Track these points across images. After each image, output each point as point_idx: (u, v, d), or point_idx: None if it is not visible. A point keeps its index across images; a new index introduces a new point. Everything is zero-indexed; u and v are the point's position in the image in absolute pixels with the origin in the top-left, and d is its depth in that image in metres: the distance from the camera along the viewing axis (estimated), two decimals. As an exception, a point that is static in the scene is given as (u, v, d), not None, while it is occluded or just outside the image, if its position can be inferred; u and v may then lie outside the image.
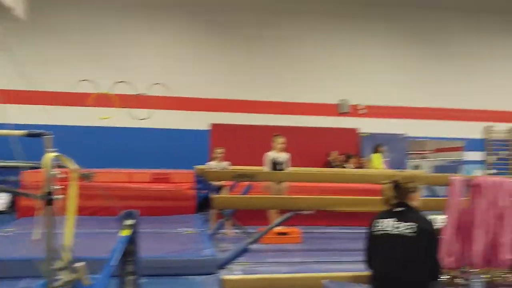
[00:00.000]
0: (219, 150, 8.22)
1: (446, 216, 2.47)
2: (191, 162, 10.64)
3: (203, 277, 5.19)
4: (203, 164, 9.10)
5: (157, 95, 13.06)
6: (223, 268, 5.44)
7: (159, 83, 13.05)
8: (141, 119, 13.07)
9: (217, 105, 13.45)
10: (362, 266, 3.69)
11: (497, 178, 2.50)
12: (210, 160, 8.46)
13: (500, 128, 15.18)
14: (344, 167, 12.72)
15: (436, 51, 14.88)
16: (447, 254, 2.46)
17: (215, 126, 13.35)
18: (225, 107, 13.49)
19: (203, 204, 9.34)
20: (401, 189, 3.29)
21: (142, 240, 3.65)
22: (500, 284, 2.45)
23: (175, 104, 13.18)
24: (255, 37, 13.81)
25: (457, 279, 2.46)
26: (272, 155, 7.76)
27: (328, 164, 13.20)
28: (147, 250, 4.23)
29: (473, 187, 2.47)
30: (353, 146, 14.08)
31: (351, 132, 14.24)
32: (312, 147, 13.62)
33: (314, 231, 8.60)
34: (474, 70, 15.01)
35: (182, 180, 9.38)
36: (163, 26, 13.44)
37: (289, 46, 14.00)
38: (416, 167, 14.68)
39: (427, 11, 14.73)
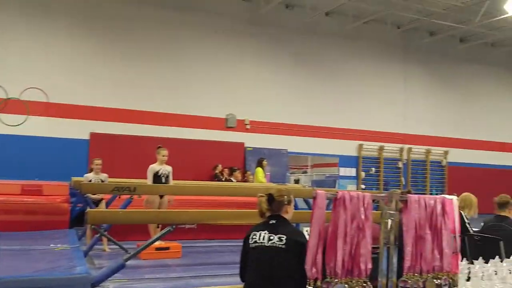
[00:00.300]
0: (97, 161, 7.81)
1: (311, 227, 2.59)
2: (68, 173, 10.01)
3: (74, 296, 4.85)
4: (81, 175, 8.59)
5: (32, 100, 12.12)
6: (97, 286, 5.15)
7: (35, 88, 12.11)
8: (13, 125, 12.00)
9: (99, 114, 12.85)
10: (239, 279, 3.73)
11: (358, 192, 2.69)
12: (88, 172, 8.01)
13: (371, 147, 16.56)
14: (231, 180, 12.89)
15: (317, 73, 15.85)
16: (311, 265, 2.57)
17: (95, 136, 12.73)
18: (108, 116, 12.94)
19: (79, 219, 8.79)
20: (275, 202, 3.42)
21: (7, 258, 3.31)
22: (360, 292, 2.62)
23: (52, 110, 12.33)
24: (142, 45, 13.51)
25: (320, 289, 2.58)
26: (155, 167, 7.58)
27: (215, 178, 13.29)
28: (13, 269, 3.85)
29: (336, 200, 2.63)
30: (239, 160, 14.35)
31: (239, 146, 14.52)
32: (200, 160, 13.62)
33: (196, 245, 8.57)
34: (350, 93, 16.24)
35: (56, 192, 8.70)
36: (43, 28, 12.56)
37: (179, 58, 13.92)
38: (296, 181, 15.38)
39: (312, 36, 15.66)
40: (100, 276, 5.31)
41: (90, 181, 7.59)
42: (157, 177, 7.47)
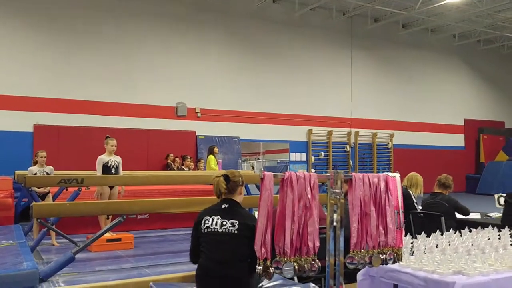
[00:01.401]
0: (41, 154, 7.53)
1: (259, 208, 2.64)
2: (11, 167, 9.63)
3: (23, 292, 4.70)
4: (26, 169, 8.27)
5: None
6: (46, 281, 5.02)
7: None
8: None
9: (42, 105, 12.36)
10: (193, 266, 3.73)
11: (305, 172, 2.75)
12: (33, 165, 7.72)
13: (320, 132, 16.89)
14: (183, 169, 12.81)
15: (266, 60, 15.93)
16: (260, 245, 2.62)
17: (39, 128, 12.25)
18: (52, 107, 12.47)
19: (25, 214, 8.49)
20: (230, 182, 3.45)
21: None
22: (308, 269, 2.69)
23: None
24: (86, 34, 13.07)
25: (270, 268, 2.64)
26: (104, 158, 7.40)
27: (167, 167, 13.15)
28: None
29: (283, 181, 2.68)
30: (191, 149, 14.27)
31: (190, 134, 14.41)
32: (151, 150, 13.44)
33: (148, 235, 8.48)
34: (299, 80, 16.46)
35: (-2, 187, 8.38)
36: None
37: (124, 46, 13.58)
38: (253, 167, 15.49)
39: (260, 23, 15.68)
40: (48, 271, 5.17)
41: (35, 174, 7.31)
42: (106, 168, 7.30)
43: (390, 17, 17.19)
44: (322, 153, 16.94)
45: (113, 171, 7.32)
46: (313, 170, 16.26)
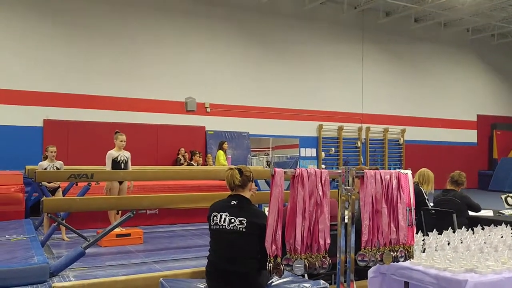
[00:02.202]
0: (51, 148, 7.56)
1: (269, 205, 2.61)
2: (22, 162, 9.69)
3: (34, 286, 4.73)
4: (36, 164, 8.32)
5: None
6: (56, 275, 5.04)
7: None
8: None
9: (52, 100, 12.41)
10: (202, 261, 3.71)
11: (316, 169, 2.71)
12: (43, 160, 7.76)
13: (330, 127, 16.80)
14: (192, 164, 12.82)
15: (276, 55, 15.84)
16: (271, 242, 2.59)
17: (49, 122, 12.31)
18: (62, 102, 12.50)
19: (35, 208, 8.55)
20: (243, 176, 3.44)
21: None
22: (319, 266, 2.66)
23: (3, 97, 11.81)
24: (95, 29, 13.09)
25: (281, 265, 2.61)
26: (113, 153, 7.41)
27: (177, 161, 13.18)
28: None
29: (294, 178, 2.64)
30: (201, 144, 14.26)
31: (200, 129, 14.41)
32: (161, 145, 13.46)
33: (158, 230, 8.51)
34: (309, 75, 16.36)
35: (9, 182, 8.43)
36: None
37: (134, 41, 13.58)
38: (268, 163, 15.44)
39: (269, 17, 15.60)
40: (58, 265, 5.20)
41: (45, 169, 7.34)
42: (115, 163, 7.31)
43: (402, 11, 17.00)
44: (333, 148, 16.84)
45: (122, 166, 7.33)
46: (323, 166, 16.19)
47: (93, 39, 13.05)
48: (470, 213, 5.81)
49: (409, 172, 3.15)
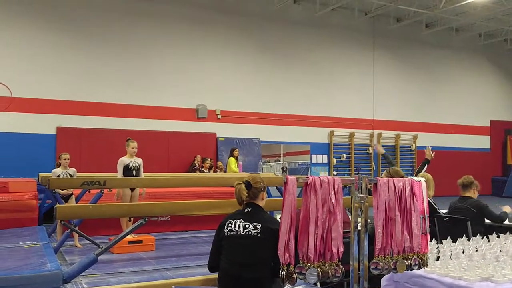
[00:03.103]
0: (65, 156, 7.63)
1: (282, 213, 2.60)
2: (35, 169, 9.78)
3: (47, 293, 4.75)
4: (50, 171, 8.39)
5: (-5, 95, 11.74)
6: (69, 282, 5.06)
7: (-3, 83, 11.74)
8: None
9: (65, 108, 12.55)
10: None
11: (328, 177, 2.70)
12: (56, 167, 7.83)
13: (341, 133, 16.74)
14: (203, 171, 12.85)
15: (287, 62, 15.86)
16: (284, 250, 2.58)
17: (62, 130, 12.43)
18: (74, 109, 12.65)
19: (48, 215, 8.62)
20: (252, 189, 3.42)
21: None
22: (332, 275, 2.65)
23: (17, 105, 11.95)
24: (107, 37, 13.22)
25: (294, 273, 2.60)
26: (125, 160, 7.45)
27: (191, 168, 13.24)
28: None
29: (306, 186, 2.63)
30: (212, 150, 14.30)
31: (211, 136, 14.45)
32: (172, 151, 13.51)
33: (169, 237, 8.53)
34: (320, 81, 16.35)
35: (23, 189, 8.49)
36: (8, 23, 12.12)
37: (146, 49, 13.70)
38: (283, 170, 15.40)
39: (280, 24, 15.64)
40: (71, 272, 5.21)
41: (59, 176, 7.41)
42: (127, 170, 7.36)
43: (413, 17, 16.94)
44: (344, 155, 16.77)
45: (134, 173, 7.37)
46: (334, 173, 16.12)
47: (106, 47, 13.18)
48: (487, 220, 5.66)
49: (422, 179, 3.13)
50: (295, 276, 2.59)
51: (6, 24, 12.15)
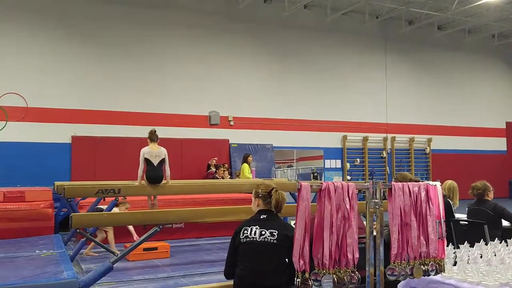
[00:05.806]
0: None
1: (296, 220, 2.59)
2: (51, 178, 9.87)
3: (63, 302, 4.78)
4: (65, 180, 8.49)
5: (10, 105, 11.87)
6: (85, 290, 5.09)
7: (13, 93, 11.87)
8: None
9: (80, 117, 12.66)
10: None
11: (343, 182, 2.68)
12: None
13: (355, 138, 16.65)
14: (217, 178, 12.84)
15: (298, 67, 15.85)
16: (298, 257, 2.56)
17: (76, 139, 12.55)
18: (89, 118, 12.75)
19: (64, 223, 8.69)
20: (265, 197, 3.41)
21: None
22: (348, 281, 2.62)
23: (32, 115, 12.09)
24: (121, 46, 13.35)
25: (309, 280, 2.58)
26: (147, 150, 7.35)
27: (208, 167, 13.28)
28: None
29: (320, 192, 2.62)
30: (225, 157, 14.32)
31: (224, 143, 14.47)
32: (185, 158, 13.54)
33: (184, 244, 8.54)
34: (332, 85, 16.29)
35: (39, 198, 8.60)
36: (18, 33, 12.31)
37: (158, 57, 13.79)
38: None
39: (291, 29, 15.65)
40: (87, 280, 5.24)
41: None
42: (150, 162, 7.24)
43: (425, 19, 16.82)
44: (358, 159, 16.67)
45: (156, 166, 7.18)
46: (348, 177, 16.03)
47: (118, 56, 13.31)
48: (505, 223, 5.58)
49: (437, 183, 3.10)
50: (310, 283, 2.57)
51: (21, 35, 12.33)
